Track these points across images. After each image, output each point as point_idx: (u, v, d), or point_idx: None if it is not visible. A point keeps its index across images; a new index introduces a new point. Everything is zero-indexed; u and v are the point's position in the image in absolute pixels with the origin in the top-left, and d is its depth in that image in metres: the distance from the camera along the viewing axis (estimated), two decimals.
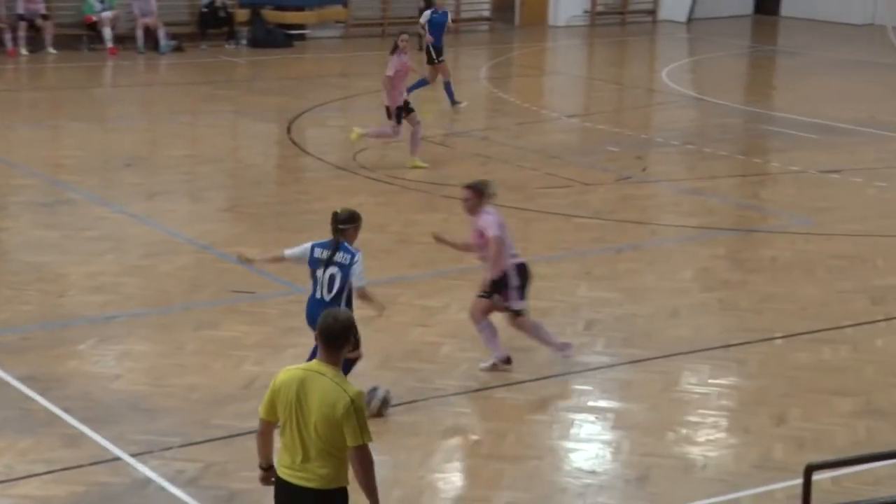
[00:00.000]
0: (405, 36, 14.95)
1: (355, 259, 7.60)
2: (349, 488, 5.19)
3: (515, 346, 9.15)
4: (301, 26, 24.45)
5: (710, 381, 8.65)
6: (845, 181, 14.40)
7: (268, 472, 5.38)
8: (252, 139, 16.86)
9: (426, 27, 18.29)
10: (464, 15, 26.48)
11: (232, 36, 23.52)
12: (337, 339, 5.10)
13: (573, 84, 22.36)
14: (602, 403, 8.30)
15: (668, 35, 27.29)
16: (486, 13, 26.82)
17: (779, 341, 9.40)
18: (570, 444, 7.70)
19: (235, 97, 19.20)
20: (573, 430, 7.86)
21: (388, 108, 14.57)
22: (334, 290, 7.55)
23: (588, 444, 7.69)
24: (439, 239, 8.85)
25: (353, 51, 24.09)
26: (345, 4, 24.98)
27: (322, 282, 7.60)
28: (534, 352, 8.99)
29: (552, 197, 13.53)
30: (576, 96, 21.05)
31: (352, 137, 14.79)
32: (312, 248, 7.70)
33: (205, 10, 23.28)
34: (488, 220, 8.40)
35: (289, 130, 16.68)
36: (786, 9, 28.89)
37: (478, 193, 8.49)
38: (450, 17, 19.03)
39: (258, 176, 14.57)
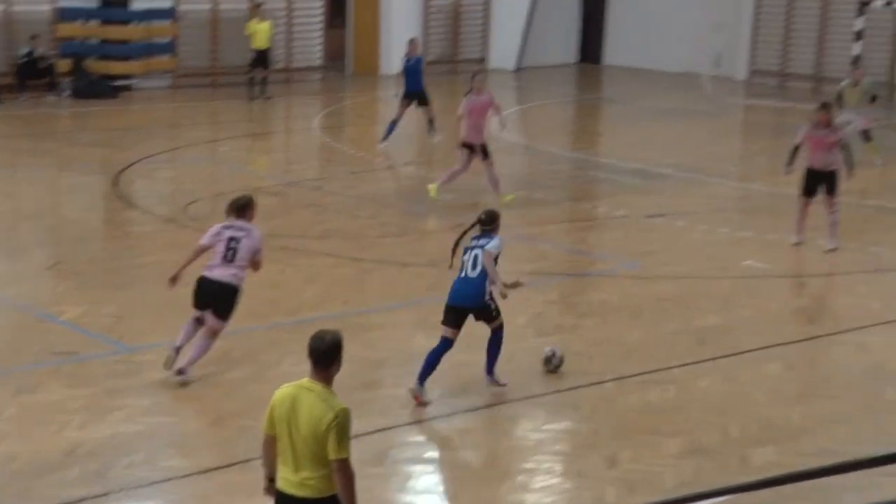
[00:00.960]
0: (480, 76, 15.90)
1: (492, 237, 9.15)
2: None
3: (353, 399, 9.04)
4: (127, 76, 23.94)
5: (544, 426, 8.74)
6: (669, 225, 14.86)
7: (272, 483, 5.75)
8: (76, 193, 16.34)
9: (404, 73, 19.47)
10: (296, 64, 26.44)
11: (53, 87, 22.83)
12: (324, 358, 5.55)
13: (407, 132, 22.49)
14: (440, 453, 8.28)
15: (498, 83, 27.77)
16: (319, 62, 26.84)
17: (609, 384, 9.58)
18: (408, 498, 7.63)
19: (58, 150, 18.59)
20: (410, 483, 7.80)
21: (465, 144, 15.18)
22: (477, 268, 9.01)
23: (426, 495, 7.65)
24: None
25: (181, 101, 23.70)
26: (173, 54, 24.61)
27: (467, 263, 9.10)
28: (370, 404, 8.91)
29: (388, 246, 13.54)
30: (410, 144, 21.17)
31: (431, 195, 15.23)
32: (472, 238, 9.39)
33: (23, 60, 22.54)
34: (208, 232, 9.33)
35: (115, 183, 16.24)
36: (608, 58, 29.89)
37: (228, 206, 9.39)
38: (423, 62, 19.87)
39: (83, 231, 14.10)
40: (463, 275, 9.11)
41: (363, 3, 27.65)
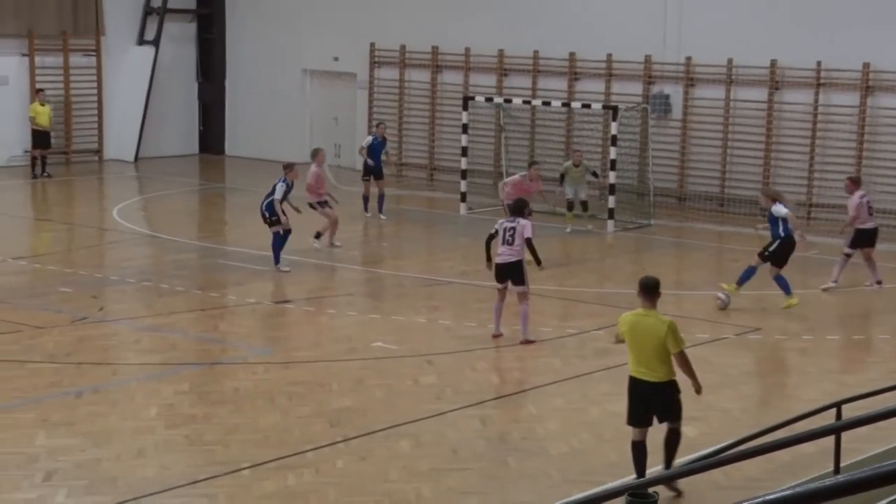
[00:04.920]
0: (537, 165, 18.76)
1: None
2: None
3: None
4: None
5: None
6: (298, 310, 15.03)
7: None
8: None
9: (365, 150, 21.27)
10: None
11: None
12: (651, 291, 8.83)
13: (18, 225, 21.34)
14: None
15: (117, 174, 27.11)
16: None
17: (246, 472, 9.46)
18: None
19: None
20: None
21: (504, 203, 17.47)
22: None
23: None
24: None
25: None
26: None
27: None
28: None
29: (1, 343, 12.70)
30: (22, 237, 20.11)
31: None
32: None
33: None
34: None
35: None
36: (230, 148, 30.00)
37: None
38: (385, 143, 21.67)
39: None
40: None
41: None
